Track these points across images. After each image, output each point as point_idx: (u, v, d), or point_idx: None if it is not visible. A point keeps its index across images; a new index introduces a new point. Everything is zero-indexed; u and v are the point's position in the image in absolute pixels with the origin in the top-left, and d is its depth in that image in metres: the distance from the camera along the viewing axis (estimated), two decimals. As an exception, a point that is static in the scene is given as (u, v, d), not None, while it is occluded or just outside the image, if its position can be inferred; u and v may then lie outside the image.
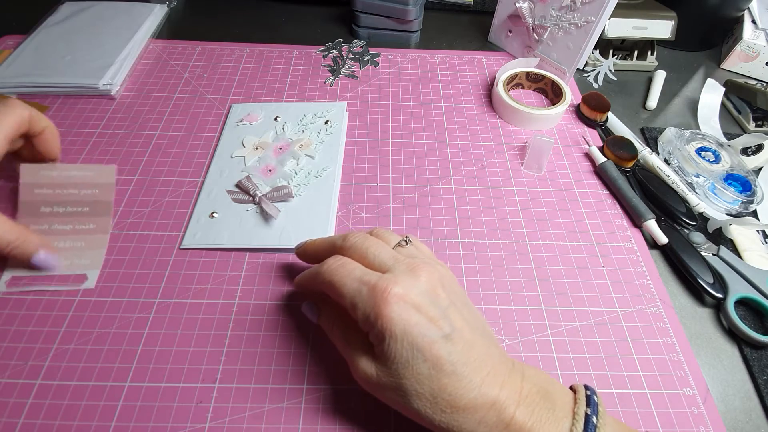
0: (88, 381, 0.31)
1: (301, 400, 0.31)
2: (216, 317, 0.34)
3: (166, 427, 0.29)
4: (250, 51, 0.58)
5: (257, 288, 0.36)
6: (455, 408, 0.24)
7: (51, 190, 0.37)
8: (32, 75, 0.50)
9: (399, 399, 0.26)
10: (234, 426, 0.30)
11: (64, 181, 0.38)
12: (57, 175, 0.38)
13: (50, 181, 0.38)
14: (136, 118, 0.48)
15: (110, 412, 0.30)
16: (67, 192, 0.38)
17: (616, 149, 0.46)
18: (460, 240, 0.40)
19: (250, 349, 0.33)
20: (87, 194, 0.38)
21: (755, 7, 0.61)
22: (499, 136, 0.49)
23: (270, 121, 0.48)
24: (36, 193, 0.37)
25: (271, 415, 0.30)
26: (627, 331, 0.35)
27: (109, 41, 0.55)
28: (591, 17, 0.49)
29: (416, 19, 0.59)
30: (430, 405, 0.25)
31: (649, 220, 0.41)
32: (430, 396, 0.25)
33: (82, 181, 0.38)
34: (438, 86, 0.55)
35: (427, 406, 0.25)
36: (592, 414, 0.24)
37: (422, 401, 0.25)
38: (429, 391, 0.25)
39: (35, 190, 0.37)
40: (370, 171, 0.45)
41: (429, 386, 0.24)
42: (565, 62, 0.53)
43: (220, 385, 0.31)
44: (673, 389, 0.32)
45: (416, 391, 0.25)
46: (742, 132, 0.52)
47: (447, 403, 0.24)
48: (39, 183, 0.37)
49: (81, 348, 0.32)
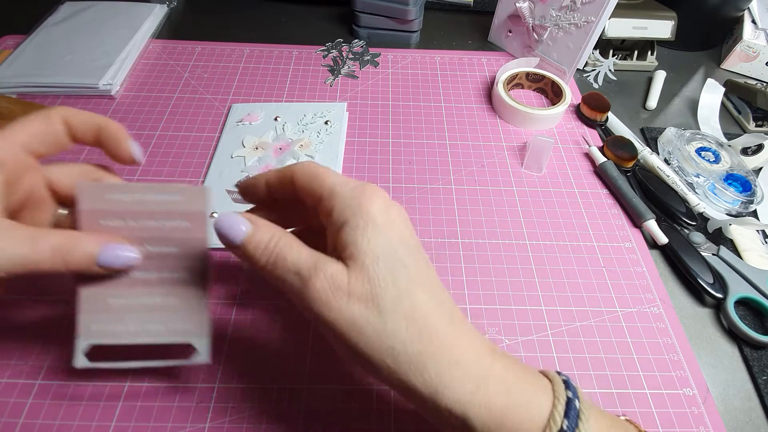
0: (88, 381, 0.31)
1: (301, 400, 0.31)
2: (216, 317, 0.34)
3: (166, 427, 0.29)
4: (250, 51, 0.58)
5: (257, 288, 0.36)
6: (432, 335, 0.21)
7: (122, 222, 0.25)
8: (32, 75, 0.50)
9: (371, 316, 0.21)
10: (234, 426, 0.30)
11: (140, 209, 0.25)
12: (129, 201, 0.25)
13: (120, 208, 0.25)
14: (136, 118, 0.48)
15: (110, 412, 0.30)
16: (146, 225, 0.26)
17: (616, 149, 0.46)
18: (460, 240, 0.40)
19: (250, 349, 0.33)
20: (174, 228, 0.26)
21: (755, 7, 0.61)
22: (499, 136, 0.49)
23: (270, 121, 0.48)
24: (101, 225, 0.25)
25: (270, 415, 0.30)
26: (627, 331, 0.35)
27: (109, 41, 0.55)
28: (591, 17, 0.49)
29: (416, 19, 0.59)
30: (406, 326, 0.21)
31: (649, 220, 0.41)
32: (409, 309, 0.21)
33: (165, 208, 0.26)
34: (438, 86, 0.55)
35: (402, 327, 0.21)
36: (574, 398, 0.22)
37: (398, 319, 0.21)
38: (408, 302, 0.21)
39: (99, 221, 0.25)
40: (370, 171, 0.45)
41: (408, 290, 0.21)
42: (565, 62, 0.53)
43: (220, 385, 0.31)
44: (673, 389, 0.32)
45: (393, 302, 0.21)
46: (742, 132, 0.52)
47: (424, 325, 0.21)
48: (104, 211, 0.25)
49: (81, 348, 0.32)
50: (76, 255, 0.23)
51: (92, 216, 0.25)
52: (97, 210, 0.25)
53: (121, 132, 0.27)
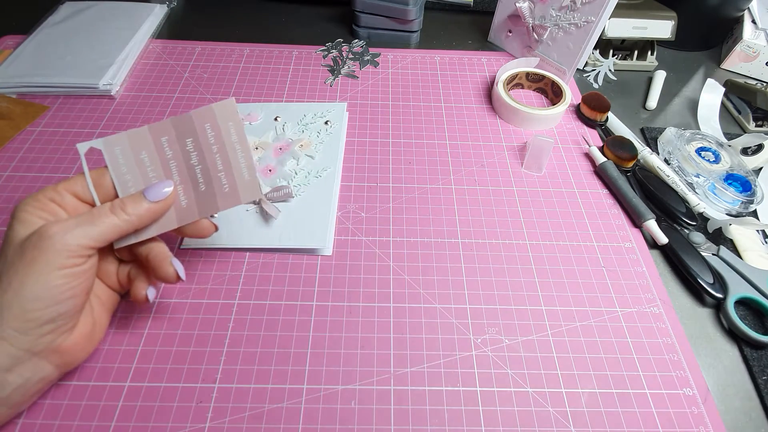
0: (88, 381, 0.31)
1: (301, 400, 0.31)
2: (216, 317, 0.34)
3: (166, 427, 0.29)
4: (250, 51, 0.58)
5: (257, 288, 0.36)
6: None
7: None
8: (32, 75, 0.50)
9: None
10: (234, 426, 0.30)
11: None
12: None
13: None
14: (136, 118, 0.48)
15: (110, 412, 0.30)
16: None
17: (616, 149, 0.46)
18: (460, 240, 0.40)
19: (250, 349, 0.33)
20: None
21: (755, 7, 0.61)
22: (499, 136, 0.49)
23: (270, 121, 0.48)
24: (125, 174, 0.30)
25: (271, 415, 0.30)
26: (627, 331, 0.35)
27: (109, 41, 0.55)
28: (591, 17, 0.49)
29: (416, 19, 0.59)
30: None
31: (649, 220, 0.41)
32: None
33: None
34: (438, 86, 0.55)
35: None
36: None
37: None
38: None
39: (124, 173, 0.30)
40: (370, 171, 0.45)
41: None
42: (565, 62, 0.53)
43: (220, 385, 0.31)
44: (673, 389, 0.32)
45: None
46: (742, 132, 0.52)
47: None
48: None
49: (81, 348, 0.32)
50: (129, 204, 0.28)
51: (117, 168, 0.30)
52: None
53: (165, 252, 0.31)
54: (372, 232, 0.40)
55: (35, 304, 0.25)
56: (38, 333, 0.26)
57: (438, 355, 0.33)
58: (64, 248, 0.26)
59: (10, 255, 0.26)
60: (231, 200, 0.32)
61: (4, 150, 0.45)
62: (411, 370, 0.32)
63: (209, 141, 0.31)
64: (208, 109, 0.31)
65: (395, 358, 0.33)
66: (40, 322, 0.25)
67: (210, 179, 0.31)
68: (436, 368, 0.33)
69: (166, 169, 0.31)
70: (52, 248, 0.25)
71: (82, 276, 0.27)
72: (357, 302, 0.36)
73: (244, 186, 0.32)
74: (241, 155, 0.31)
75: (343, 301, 0.36)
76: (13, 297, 0.25)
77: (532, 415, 0.31)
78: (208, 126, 0.31)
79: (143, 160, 0.30)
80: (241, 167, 0.32)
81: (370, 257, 0.38)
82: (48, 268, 0.25)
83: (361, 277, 0.37)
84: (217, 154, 0.31)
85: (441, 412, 0.31)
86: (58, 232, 0.26)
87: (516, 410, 0.31)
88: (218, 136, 0.31)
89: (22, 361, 0.26)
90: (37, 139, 0.46)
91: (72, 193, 0.29)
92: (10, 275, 0.25)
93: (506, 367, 0.33)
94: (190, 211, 0.31)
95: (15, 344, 0.25)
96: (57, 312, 0.26)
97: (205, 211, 0.31)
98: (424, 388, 0.32)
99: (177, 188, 0.31)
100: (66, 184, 0.29)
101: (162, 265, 0.30)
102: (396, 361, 0.33)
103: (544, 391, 0.32)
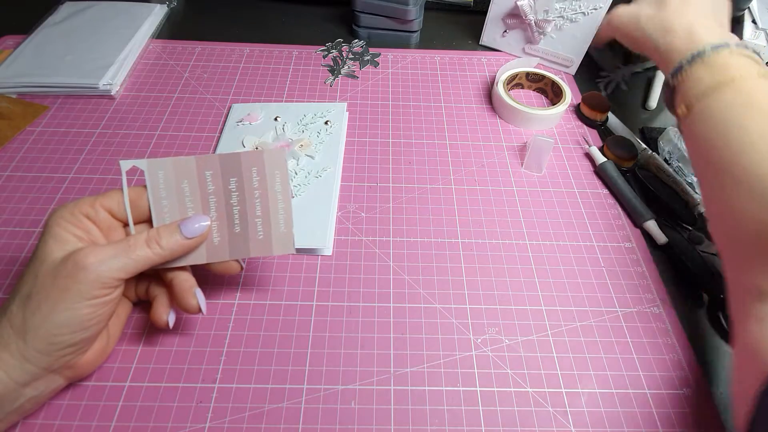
0: (88, 381, 0.31)
1: (301, 400, 0.31)
2: (216, 317, 0.34)
3: (166, 427, 0.29)
4: (250, 51, 0.58)
5: (257, 288, 0.36)
6: None
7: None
8: (32, 75, 0.50)
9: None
10: (234, 426, 0.30)
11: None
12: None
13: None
14: (136, 118, 0.48)
15: (110, 412, 0.30)
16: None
17: (616, 149, 0.46)
18: (460, 240, 0.40)
19: (250, 349, 0.33)
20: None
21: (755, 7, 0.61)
22: (499, 136, 0.49)
23: (270, 121, 0.48)
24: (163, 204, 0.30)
25: (271, 415, 0.30)
26: (627, 331, 0.35)
27: (109, 41, 0.55)
28: (599, 4, 0.50)
29: (416, 19, 0.59)
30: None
31: (649, 220, 0.41)
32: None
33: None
34: (438, 86, 0.55)
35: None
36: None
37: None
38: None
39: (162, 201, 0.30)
40: (370, 171, 0.45)
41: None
42: (573, 51, 0.54)
43: (220, 385, 0.31)
44: (673, 389, 0.32)
45: None
46: (742, 132, 0.52)
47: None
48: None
49: (81, 348, 0.32)
50: (164, 237, 0.28)
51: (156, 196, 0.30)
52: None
53: (189, 282, 0.31)
54: (372, 232, 0.40)
55: (62, 329, 0.25)
56: (59, 355, 0.26)
57: (438, 355, 0.33)
58: (97, 280, 0.26)
59: (42, 275, 0.26)
60: (263, 248, 0.32)
61: (4, 150, 0.45)
62: (411, 370, 0.33)
63: (253, 185, 0.31)
64: (258, 153, 0.30)
65: (395, 358, 0.33)
66: (63, 345, 0.26)
67: (246, 223, 0.31)
68: (436, 368, 0.33)
69: (205, 203, 0.30)
70: (86, 280, 0.25)
71: (110, 304, 0.27)
72: (357, 302, 0.36)
73: (278, 237, 0.32)
74: (281, 206, 0.31)
75: (343, 301, 0.36)
76: (42, 321, 0.25)
77: (532, 415, 0.31)
78: (255, 170, 0.30)
79: (184, 189, 0.30)
80: (279, 218, 0.31)
81: (370, 257, 0.38)
82: (80, 298, 0.25)
83: (361, 277, 0.37)
84: (258, 200, 0.31)
85: (441, 412, 0.31)
86: (93, 263, 0.26)
87: (516, 410, 0.31)
88: (262, 182, 0.31)
89: (39, 378, 0.26)
90: (37, 139, 0.46)
91: (107, 209, 0.29)
92: (41, 298, 0.25)
93: (506, 367, 0.33)
94: (221, 250, 0.31)
95: (36, 363, 0.25)
96: (81, 337, 0.26)
97: (236, 253, 0.31)
98: (424, 388, 0.32)
99: (212, 224, 0.30)
100: (102, 199, 0.29)
101: (186, 295, 0.30)
102: (396, 361, 0.33)
103: (544, 391, 0.32)
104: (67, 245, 0.27)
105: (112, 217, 0.29)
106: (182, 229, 0.29)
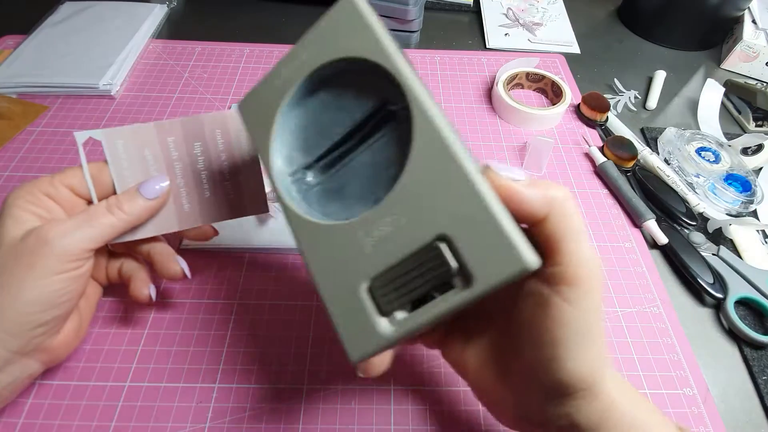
0: (88, 381, 0.31)
1: (301, 400, 0.31)
2: (216, 317, 0.34)
3: (166, 427, 0.29)
4: (250, 51, 0.58)
5: (257, 288, 0.36)
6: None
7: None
8: (32, 75, 0.50)
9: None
10: (234, 426, 0.30)
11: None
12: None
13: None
14: (136, 118, 0.48)
15: (110, 412, 0.30)
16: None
17: (616, 149, 0.46)
18: (460, 240, 0.40)
19: (250, 349, 0.33)
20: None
21: (755, 7, 0.61)
22: (499, 136, 0.49)
23: (270, 121, 0.48)
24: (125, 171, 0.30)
25: (271, 415, 0.30)
26: (627, 331, 0.35)
27: (109, 41, 0.54)
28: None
29: (416, 19, 0.59)
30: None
31: (649, 220, 0.41)
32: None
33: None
34: (438, 86, 0.55)
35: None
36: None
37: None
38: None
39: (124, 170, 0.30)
40: (370, 171, 0.45)
41: None
42: (569, 34, 0.56)
43: (220, 385, 0.31)
44: (673, 389, 0.32)
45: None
46: (742, 132, 0.52)
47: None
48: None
49: (81, 348, 0.32)
50: (125, 202, 0.27)
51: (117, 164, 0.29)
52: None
53: (167, 249, 0.30)
54: (372, 232, 0.40)
55: (32, 308, 0.25)
56: (30, 335, 0.25)
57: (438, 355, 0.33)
58: (63, 253, 0.25)
59: (2, 256, 0.25)
60: (235, 211, 0.31)
61: (4, 150, 0.45)
62: (411, 370, 0.32)
63: (218, 148, 0.30)
64: (221, 115, 0.29)
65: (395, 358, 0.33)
66: (34, 325, 0.25)
67: (216, 187, 0.30)
68: (436, 368, 0.33)
69: (171, 170, 0.30)
70: (52, 253, 0.25)
71: (81, 278, 0.26)
72: (357, 302, 0.36)
73: (250, 199, 0.31)
74: (250, 167, 0.31)
75: (343, 301, 0.36)
76: (11, 301, 0.24)
77: (532, 415, 0.31)
78: (219, 132, 0.30)
79: (146, 158, 0.29)
80: (248, 179, 0.31)
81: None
82: (47, 273, 0.25)
83: (361, 277, 0.37)
84: (225, 162, 0.30)
85: (441, 412, 0.31)
86: (56, 237, 0.25)
87: (516, 410, 0.31)
88: (228, 145, 0.30)
89: (12, 362, 0.25)
90: (37, 139, 0.46)
91: (68, 187, 0.27)
92: (6, 279, 0.25)
93: (506, 367, 0.33)
94: (192, 216, 0.30)
95: (6, 347, 0.25)
96: (52, 315, 0.26)
97: (208, 218, 0.31)
98: (424, 388, 0.32)
99: (180, 191, 0.30)
100: (62, 176, 0.27)
101: (167, 262, 0.29)
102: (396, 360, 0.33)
103: (544, 391, 0.32)
104: (26, 225, 0.25)
105: (75, 195, 0.28)
106: (142, 191, 0.28)
